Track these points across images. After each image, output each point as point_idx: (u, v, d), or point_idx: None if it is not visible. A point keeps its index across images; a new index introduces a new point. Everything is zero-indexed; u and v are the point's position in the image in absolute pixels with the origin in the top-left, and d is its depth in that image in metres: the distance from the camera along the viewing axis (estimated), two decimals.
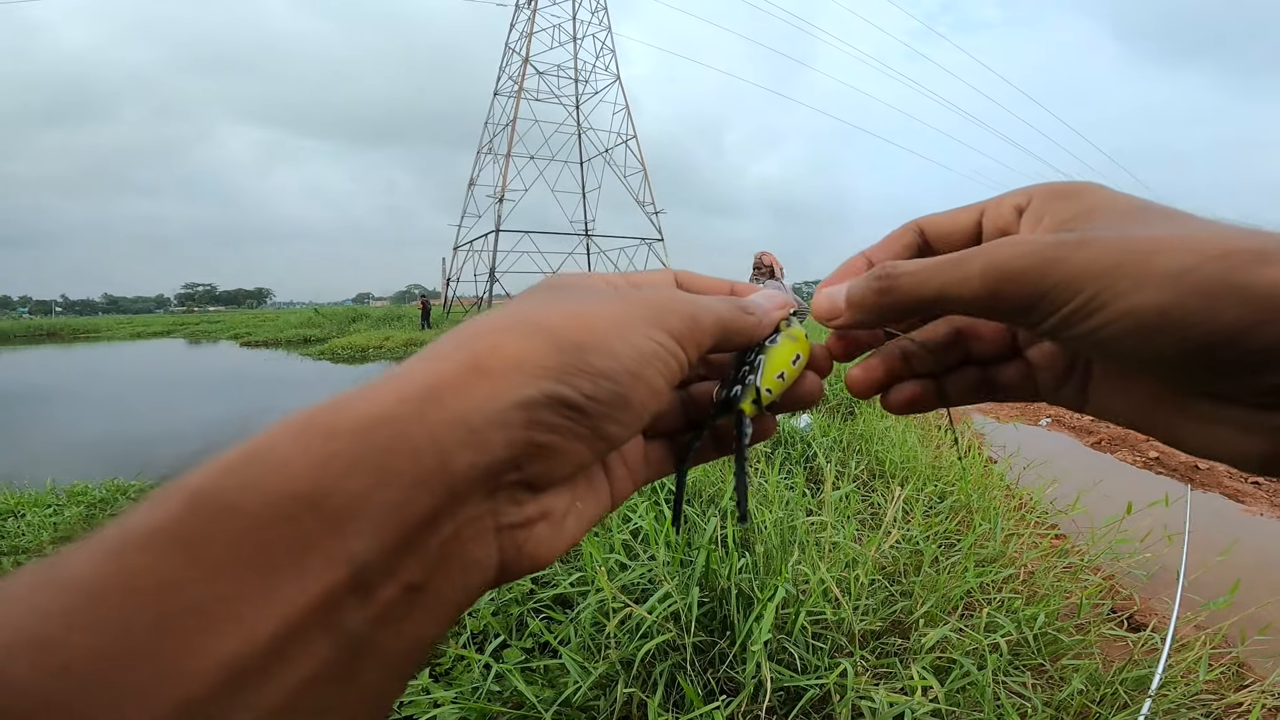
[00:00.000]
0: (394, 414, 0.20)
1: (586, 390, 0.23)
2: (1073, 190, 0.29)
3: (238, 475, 0.18)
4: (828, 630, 2.13)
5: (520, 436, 0.22)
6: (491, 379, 0.22)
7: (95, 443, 8.42)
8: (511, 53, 32.02)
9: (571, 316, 0.25)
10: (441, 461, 0.20)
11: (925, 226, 0.34)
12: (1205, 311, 0.22)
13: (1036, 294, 0.25)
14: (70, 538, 2.13)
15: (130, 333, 39.50)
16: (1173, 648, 2.19)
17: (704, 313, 0.29)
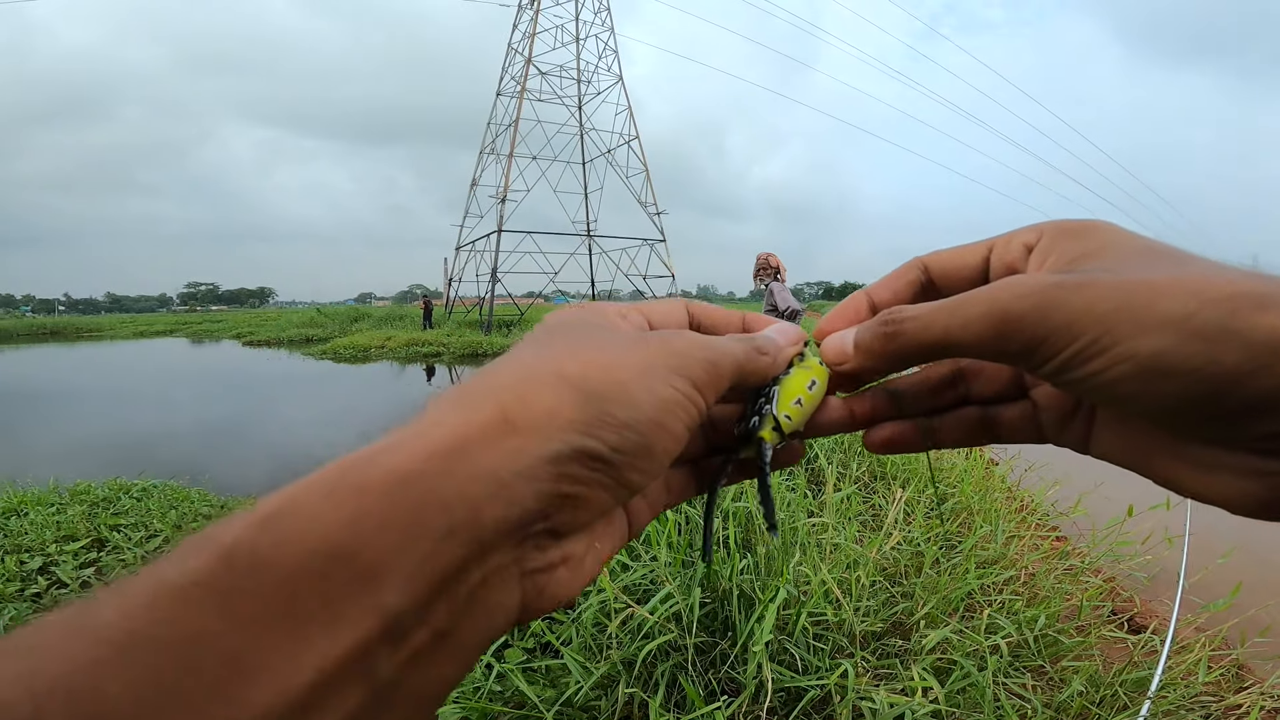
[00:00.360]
0: (424, 469, 0.20)
1: (612, 442, 0.24)
2: (1082, 228, 0.29)
3: (271, 531, 0.19)
4: (829, 631, 2.13)
5: (548, 489, 0.22)
6: (520, 433, 0.22)
7: (98, 441, 8.43)
8: (514, 53, 32.00)
9: (595, 365, 0.25)
10: (472, 515, 0.21)
11: (930, 264, 0.34)
12: (1204, 357, 0.22)
13: (1037, 338, 0.25)
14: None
15: (133, 331, 39.55)
16: (1173, 650, 2.19)
17: (722, 357, 0.29)
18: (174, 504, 4.27)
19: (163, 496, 4.48)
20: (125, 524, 3.68)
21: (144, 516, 3.88)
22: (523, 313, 26.49)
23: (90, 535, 3.44)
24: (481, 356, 17.94)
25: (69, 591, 2.76)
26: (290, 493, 0.20)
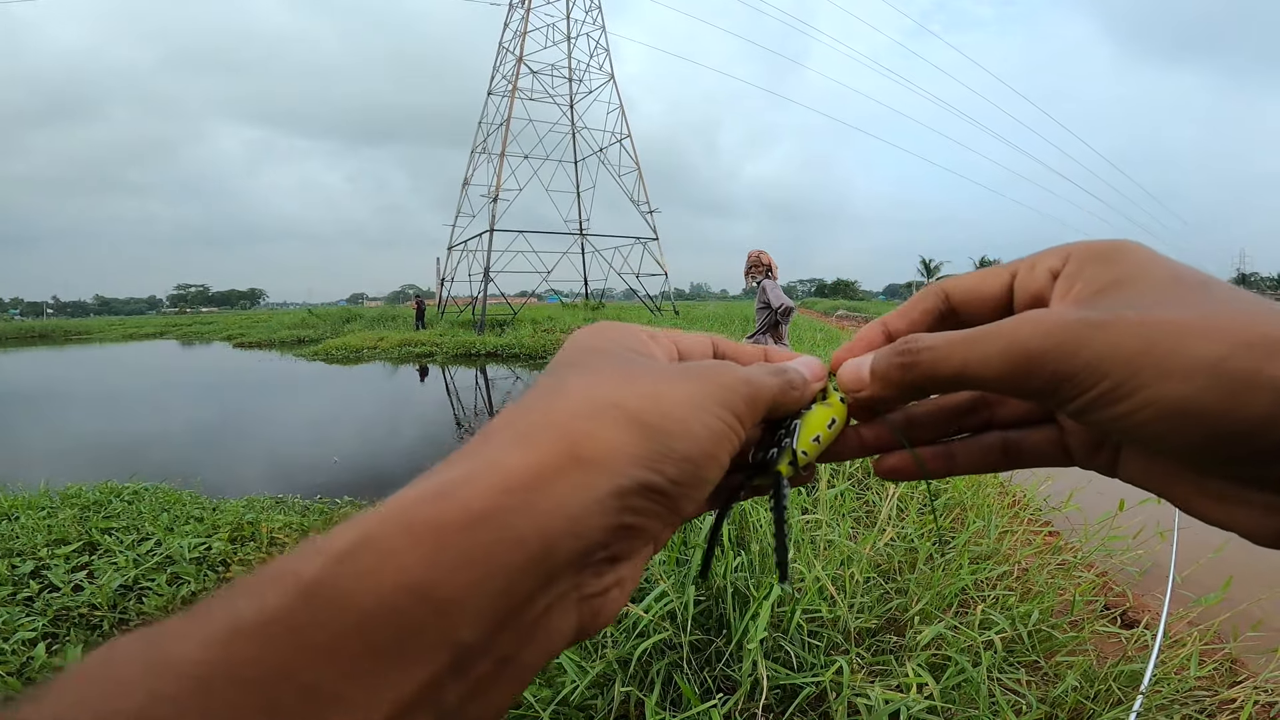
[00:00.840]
0: (499, 505, 0.21)
1: (671, 475, 0.24)
2: (1110, 252, 0.28)
3: (350, 567, 0.19)
4: (823, 628, 2.13)
5: (614, 521, 0.23)
6: (588, 469, 0.23)
7: (88, 445, 8.38)
8: (505, 52, 31.94)
9: (653, 399, 0.25)
10: (545, 549, 0.21)
11: (951, 290, 0.33)
12: (1231, 404, 0.21)
13: (1059, 377, 0.25)
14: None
15: (122, 334, 39.31)
16: (1166, 644, 2.20)
17: (760, 391, 0.29)
18: (166, 507, 4.25)
19: (154, 499, 4.46)
20: (117, 527, 3.65)
21: (135, 519, 3.85)
22: (515, 312, 26.43)
23: (82, 539, 3.42)
24: (474, 356, 17.91)
25: (60, 595, 2.74)
26: (366, 527, 0.20)
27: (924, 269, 79.85)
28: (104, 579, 2.85)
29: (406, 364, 17.13)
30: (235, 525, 3.60)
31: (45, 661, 2.23)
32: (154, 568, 3.04)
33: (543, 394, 0.26)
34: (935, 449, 0.34)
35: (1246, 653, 2.25)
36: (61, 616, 2.66)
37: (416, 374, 15.54)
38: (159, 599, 2.72)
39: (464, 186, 32.75)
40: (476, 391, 12.81)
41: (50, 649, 2.39)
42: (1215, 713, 1.98)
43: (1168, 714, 1.92)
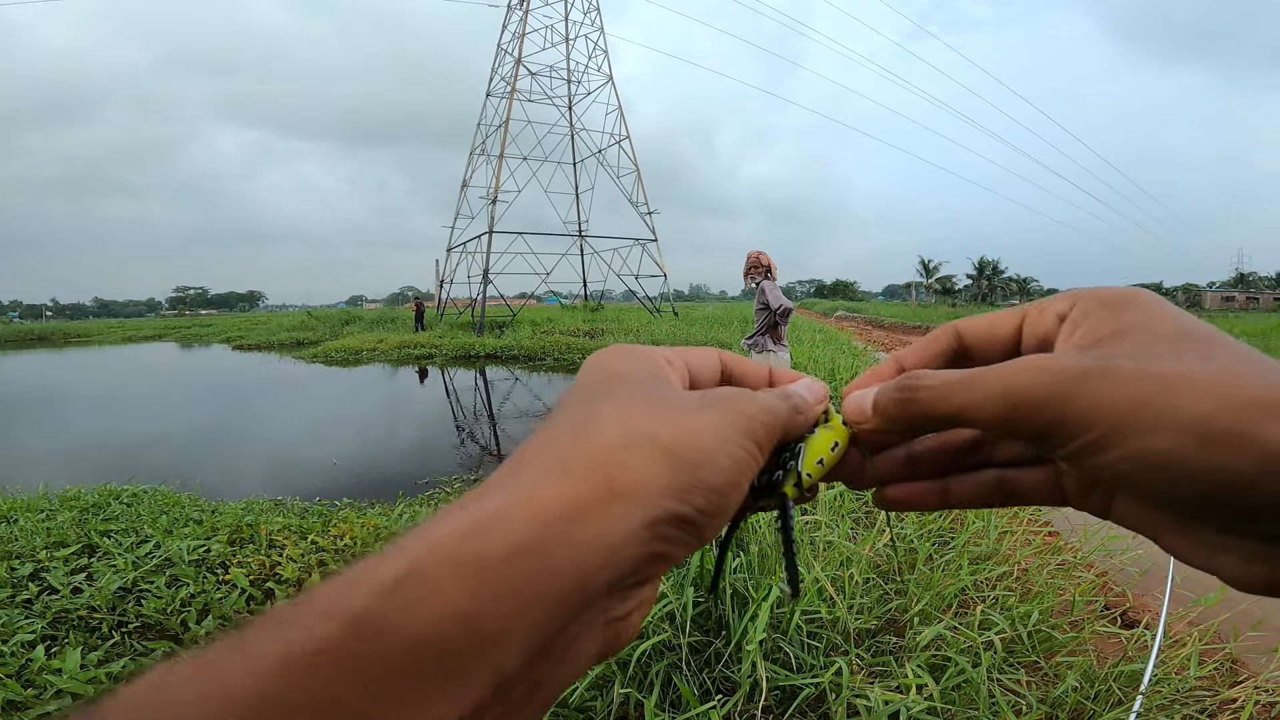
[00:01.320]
0: (540, 538, 0.22)
1: (700, 505, 0.25)
2: (1117, 300, 0.29)
3: (397, 599, 0.19)
4: (823, 629, 2.13)
5: (645, 550, 0.24)
6: (623, 500, 0.23)
7: (87, 447, 8.38)
8: (504, 54, 31.95)
9: (682, 431, 0.26)
10: (582, 581, 0.22)
11: (964, 330, 0.34)
12: (1215, 461, 0.22)
13: (1051, 424, 0.25)
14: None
15: (121, 336, 39.27)
16: (1166, 644, 2.20)
17: (775, 419, 0.30)
18: (165, 509, 4.24)
19: (153, 502, 4.45)
20: (116, 529, 3.65)
21: (134, 522, 3.85)
22: (515, 313, 26.44)
23: (81, 541, 3.41)
24: (474, 358, 17.91)
25: (60, 597, 2.73)
26: (410, 558, 0.21)
27: (923, 269, 79.87)
28: (103, 581, 2.85)
29: (406, 366, 17.12)
30: (234, 527, 3.59)
31: (44, 664, 2.23)
32: (153, 570, 3.03)
33: (575, 422, 0.27)
34: (933, 484, 0.35)
35: (1246, 653, 2.25)
36: (61, 619, 2.65)
37: (416, 376, 15.54)
38: (158, 601, 2.71)
39: (463, 188, 32.76)
40: (476, 393, 12.81)
41: (49, 651, 2.38)
42: (1216, 713, 1.97)
43: (1168, 714, 1.92)
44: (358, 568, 0.21)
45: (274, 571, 3.08)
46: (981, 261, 75.98)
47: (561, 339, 18.89)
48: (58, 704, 2.05)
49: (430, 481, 5.78)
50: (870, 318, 38.34)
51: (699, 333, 16.80)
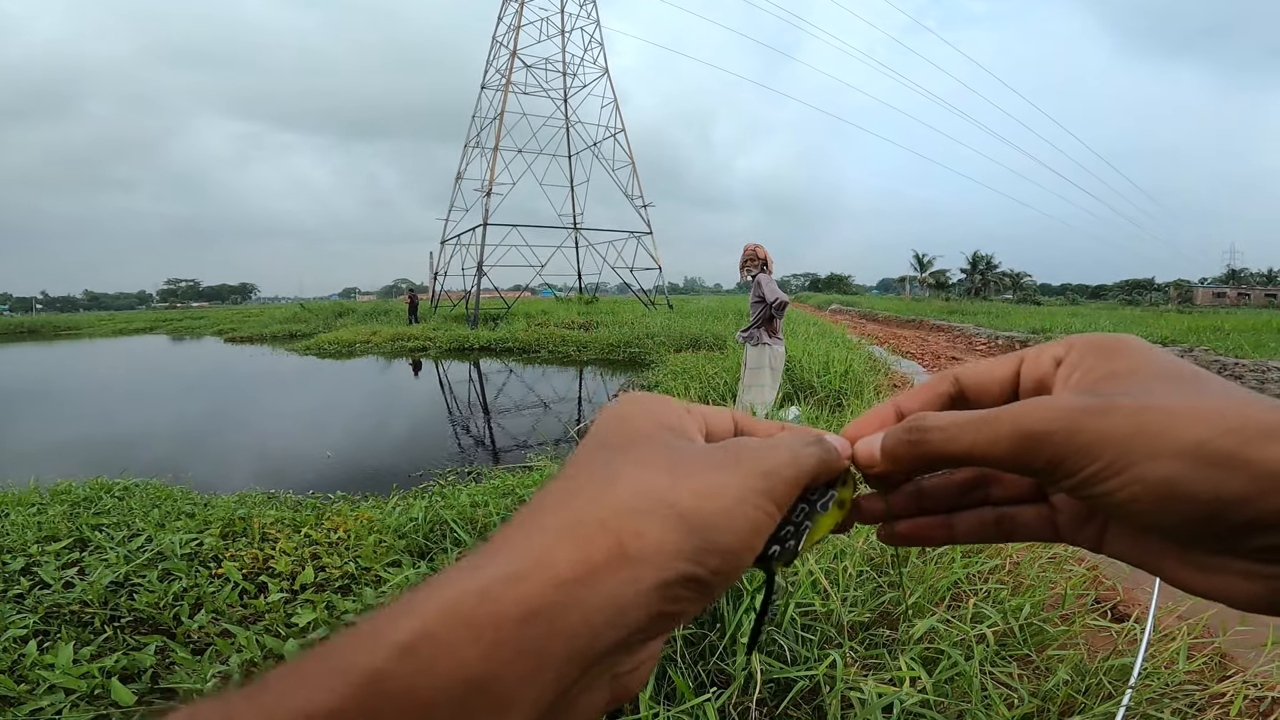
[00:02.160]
0: (552, 601, 0.22)
1: (713, 567, 0.26)
2: (1111, 346, 0.31)
3: (413, 660, 0.20)
4: (817, 622, 2.14)
5: (655, 610, 0.25)
6: (635, 564, 0.24)
7: (78, 441, 8.34)
8: (499, 46, 31.78)
9: (700, 494, 0.27)
10: (592, 640, 0.23)
11: (962, 376, 0.35)
12: (1212, 483, 0.23)
13: (1059, 457, 0.27)
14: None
15: (112, 329, 39.04)
16: (1156, 638, 2.22)
17: (802, 471, 0.30)
18: (156, 503, 4.22)
19: (145, 495, 4.43)
20: (107, 523, 3.63)
21: (126, 516, 3.83)
22: (509, 306, 26.37)
23: (72, 535, 3.39)
24: (468, 350, 17.88)
25: (51, 592, 2.72)
26: (425, 618, 0.21)
27: (917, 263, 79.99)
28: (95, 575, 2.84)
29: (400, 358, 17.08)
30: (227, 521, 3.58)
31: (37, 659, 2.22)
32: (145, 564, 3.02)
33: (591, 482, 0.27)
34: (938, 519, 0.36)
35: (1235, 647, 2.27)
36: (53, 613, 2.64)
37: (410, 368, 15.50)
38: (151, 595, 2.70)
39: (457, 180, 32.63)
40: (470, 386, 12.80)
41: (42, 646, 2.37)
42: (1205, 707, 1.99)
43: (1158, 708, 1.93)
44: (372, 622, 0.22)
45: (267, 565, 3.07)
46: (975, 256, 76.12)
47: (556, 332, 18.86)
48: (51, 699, 2.04)
49: (424, 474, 5.77)
50: (865, 311, 38.42)
51: (694, 325, 16.80)
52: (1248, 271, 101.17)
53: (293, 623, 2.49)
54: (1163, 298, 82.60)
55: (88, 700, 2.09)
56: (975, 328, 20.73)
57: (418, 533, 3.35)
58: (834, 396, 6.86)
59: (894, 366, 10.89)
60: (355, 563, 3.05)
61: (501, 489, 3.85)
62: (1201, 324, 18.80)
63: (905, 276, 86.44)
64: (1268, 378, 9.17)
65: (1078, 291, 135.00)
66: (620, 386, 11.35)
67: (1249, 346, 12.22)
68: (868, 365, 9.30)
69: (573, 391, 11.61)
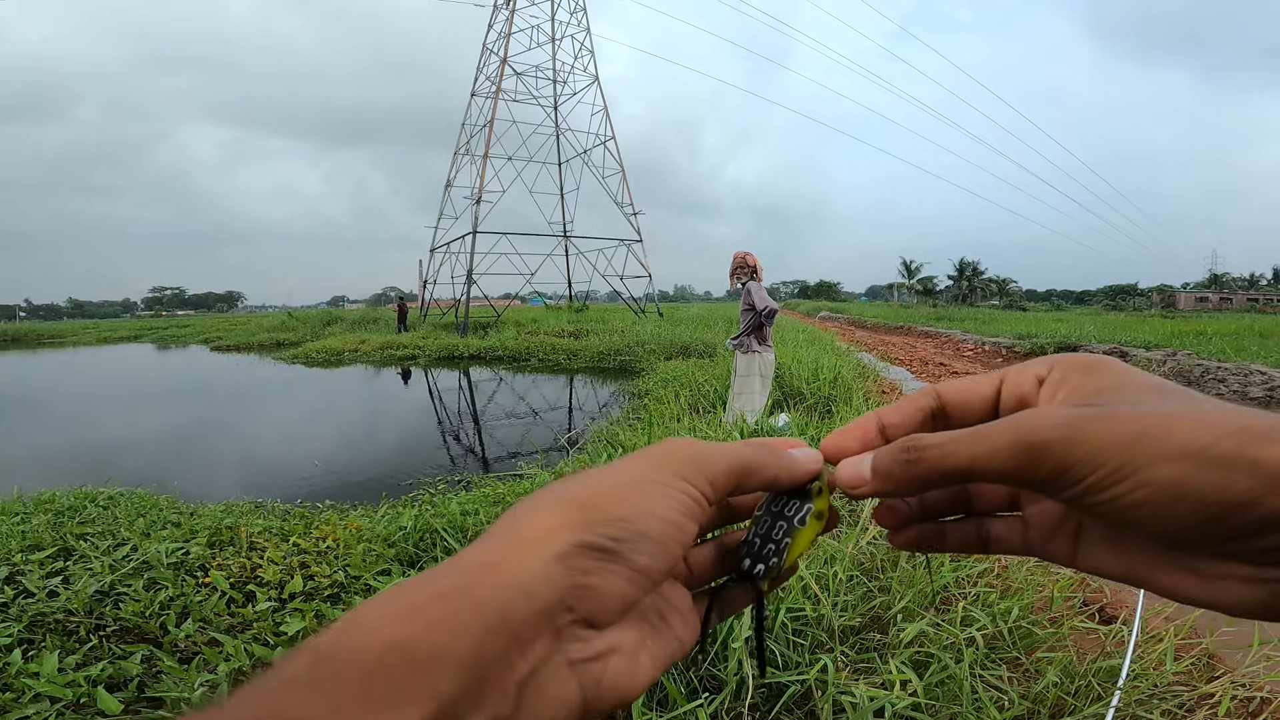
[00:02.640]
0: (461, 583, 0.25)
1: (608, 533, 0.28)
2: (1093, 365, 0.31)
3: (346, 634, 0.23)
4: (808, 626, 2.14)
5: (563, 582, 0.26)
6: (530, 544, 0.27)
7: (62, 450, 8.24)
8: (489, 53, 31.82)
9: (591, 484, 0.30)
10: (501, 612, 0.25)
11: (943, 392, 0.36)
12: (1219, 483, 0.24)
13: (1064, 465, 0.27)
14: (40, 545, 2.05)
15: (96, 337, 38.63)
16: (1143, 640, 2.23)
17: (713, 455, 0.32)
18: (142, 512, 4.18)
19: (130, 504, 4.39)
20: (92, 532, 3.59)
21: (111, 525, 3.78)
22: (499, 314, 26.34)
23: (56, 544, 3.35)
24: (458, 359, 17.82)
25: (36, 601, 2.68)
26: (356, 609, 0.25)
27: (905, 270, 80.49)
28: (79, 584, 2.80)
29: (389, 367, 17.00)
30: (214, 530, 3.54)
31: (22, 667, 2.19)
32: (131, 573, 2.99)
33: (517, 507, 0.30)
34: (935, 526, 0.37)
35: (1223, 648, 2.29)
36: (37, 622, 2.60)
37: (399, 377, 15.43)
38: (136, 604, 2.67)
39: (447, 188, 32.59)
40: (460, 394, 12.75)
41: (27, 655, 2.34)
42: (1194, 708, 2.00)
43: (1147, 709, 1.95)
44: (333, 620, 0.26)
45: (255, 574, 3.04)
46: (962, 262, 76.70)
47: (546, 339, 18.84)
48: (36, 708, 2.01)
49: (413, 483, 5.75)
50: (853, 318, 38.58)
51: (684, 333, 16.82)
52: (1229, 276, 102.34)
53: (281, 631, 2.47)
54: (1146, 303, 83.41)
55: (74, 709, 2.06)
56: (962, 334, 20.86)
57: (407, 541, 3.33)
58: (823, 403, 6.88)
59: (883, 373, 10.93)
60: (344, 571, 3.03)
61: (492, 497, 3.84)
62: (1184, 328, 19.01)
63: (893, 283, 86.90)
64: (1250, 380, 9.27)
65: (1062, 297, 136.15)
66: (612, 394, 11.35)
67: (1230, 350, 12.37)
68: (857, 372, 9.34)
69: (563, 400, 11.59)
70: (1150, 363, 11.74)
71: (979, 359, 15.35)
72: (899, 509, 0.37)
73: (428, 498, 4.29)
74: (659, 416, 5.41)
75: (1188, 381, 10.33)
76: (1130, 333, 16.82)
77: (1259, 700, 2.07)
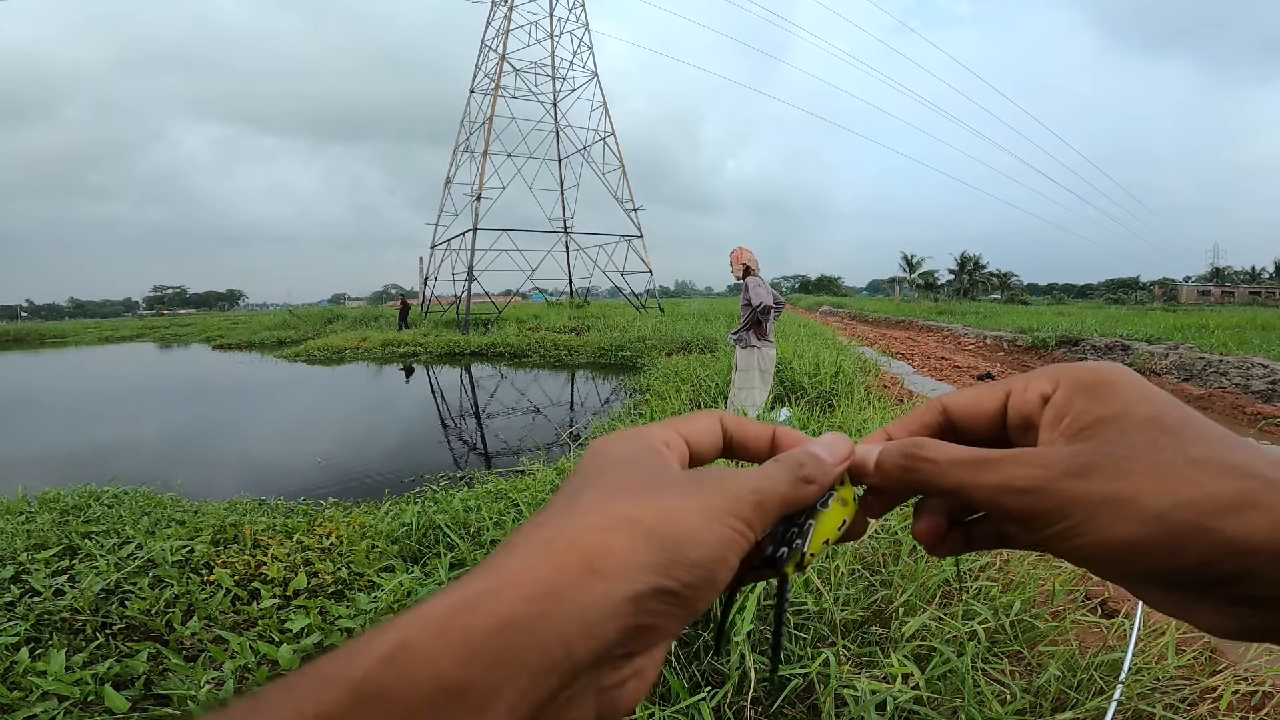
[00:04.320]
0: (524, 613, 0.24)
1: (683, 579, 0.27)
2: (1097, 385, 0.32)
3: (394, 669, 0.22)
4: (810, 620, 2.15)
5: (629, 623, 0.26)
6: (605, 578, 0.25)
7: (67, 449, 8.26)
8: (488, 50, 31.76)
9: (665, 512, 0.28)
10: (565, 652, 0.24)
11: (949, 405, 0.37)
12: (1170, 548, 0.26)
13: (1034, 513, 0.29)
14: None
15: (98, 337, 38.65)
16: (1145, 633, 2.24)
17: (769, 496, 0.32)
18: (146, 510, 4.20)
19: (134, 503, 4.40)
20: (97, 531, 3.60)
21: (116, 523, 3.80)
22: (500, 311, 26.31)
23: (62, 543, 3.37)
24: (459, 356, 17.83)
25: (42, 599, 2.70)
26: (404, 633, 0.23)
27: (906, 264, 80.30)
28: (85, 583, 2.82)
29: (390, 364, 17.01)
30: (218, 528, 3.56)
31: (29, 666, 2.20)
32: (136, 571, 3.00)
33: (560, 508, 0.29)
34: (960, 530, 0.37)
35: (1225, 642, 2.30)
36: (44, 621, 2.62)
37: (401, 374, 15.44)
38: (142, 602, 2.69)
39: (447, 185, 32.57)
40: (461, 391, 12.76)
41: (34, 653, 2.35)
42: (1196, 701, 2.01)
43: (1149, 703, 1.95)
44: (358, 640, 0.23)
45: (259, 571, 3.06)
46: (963, 256, 76.50)
47: (547, 336, 18.84)
48: (44, 706, 2.03)
49: (416, 480, 5.76)
50: (855, 313, 38.57)
51: (685, 328, 16.81)
52: (1231, 269, 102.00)
53: (286, 628, 2.48)
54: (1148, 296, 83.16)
55: (81, 707, 2.08)
56: (964, 328, 20.83)
57: (411, 538, 3.34)
58: (824, 398, 6.89)
59: (884, 367, 10.93)
60: (348, 568, 3.04)
61: (494, 493, 3.85)
62: (1186, 322, 18.95)
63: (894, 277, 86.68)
64: (1252, 374, 9.26)
65: (1064, 291, 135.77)
66: (613, 390, 11.36)
67: (1232, 343, 12.33)
68: (858, 366, 9.34)
69: (565, 396, 11.60)
70: (1153, 356, 11.73)
71: (980, 353, 15.34)
72: (935, 526, 0.37)
73: (431, 494, 4.30)
74: (660, 411, 5.41)
75: (1190, 375, 10.32)
76: (1132, 326, 16.78)
77: (1261, 694, 2.08)
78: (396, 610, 2.46)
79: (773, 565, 0.33)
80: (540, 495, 3.43)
